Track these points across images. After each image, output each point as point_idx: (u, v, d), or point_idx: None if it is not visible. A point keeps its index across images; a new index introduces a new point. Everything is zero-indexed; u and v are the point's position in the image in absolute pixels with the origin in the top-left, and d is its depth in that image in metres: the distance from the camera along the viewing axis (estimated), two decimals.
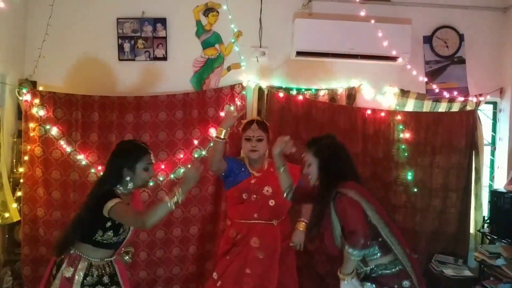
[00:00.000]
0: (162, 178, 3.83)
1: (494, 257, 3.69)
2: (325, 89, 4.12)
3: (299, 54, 3.94)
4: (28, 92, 3.72)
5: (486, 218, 4.06)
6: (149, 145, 2.67)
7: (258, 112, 4.02)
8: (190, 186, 2.41)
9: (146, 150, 2.57)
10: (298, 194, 2.80)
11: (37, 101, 3.72)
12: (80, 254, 2.47)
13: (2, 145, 3.50)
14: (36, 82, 3.87)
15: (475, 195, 4.14)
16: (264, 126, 3.26)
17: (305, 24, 3.95)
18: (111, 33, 3.98)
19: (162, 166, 3.84)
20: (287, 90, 4.07)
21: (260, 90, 4.04)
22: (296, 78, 4.13)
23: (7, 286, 3.61)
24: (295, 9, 4.10)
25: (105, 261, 2.53)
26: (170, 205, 2.30)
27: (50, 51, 3.87)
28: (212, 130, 3.88)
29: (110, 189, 2.47)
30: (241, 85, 4.01)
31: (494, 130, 4.36)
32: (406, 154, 4.09)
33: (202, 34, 4.08)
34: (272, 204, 3.15)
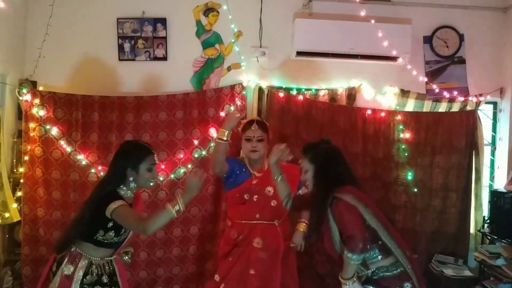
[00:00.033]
0: (162, 178, 3.83)
1: (494, 257, 3.68)
2: (325, 89, 4.12)
3: (299, 54, 3.94)
4: (28, 92, 3.72)
5: (486, 218, 4.05)
6: None
7: (258, 112, 4.02)
8: (193, 195, 2.40)
9: (150, 150, 2.58)
10: (297, 202, 2.80)
11: (37, 101, 3.72)
12: (81, 252, 2.47)
13: (2, 145, 3.50)
14: (36, 82, 3.87)
15: (475, 195, 4.14)
16: (264, 126, 3.25)
17: (305, 24, 3.95)
18: (111, 33, 3.98)
19: (162, 166, 3.83)
20: (287, 90, 4.06)
21: (260, 90, 4.04)
22: (296, 78, 4.12)
23: (7, 286, 3.61)
24: (295, 9, 4.10)
25: (105, 260, 2.53)
26: (172, 213, 2.31)
27: (50, 51, 3.87)
28: (212, 130, 3.88)
29: (113, 189, 2.47)
30: (241, 85, 4.01)
31: (494, 130, 4.36)
32: (406, 154, 4.09)
33: (202, 34, 4.08)
34: (274, 204, 3.14)
